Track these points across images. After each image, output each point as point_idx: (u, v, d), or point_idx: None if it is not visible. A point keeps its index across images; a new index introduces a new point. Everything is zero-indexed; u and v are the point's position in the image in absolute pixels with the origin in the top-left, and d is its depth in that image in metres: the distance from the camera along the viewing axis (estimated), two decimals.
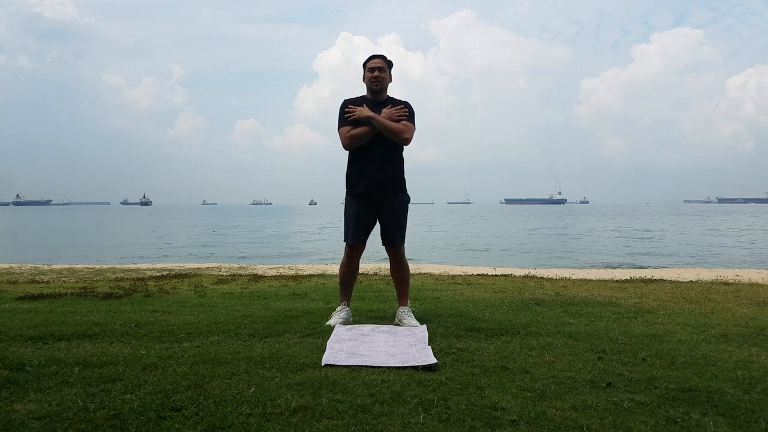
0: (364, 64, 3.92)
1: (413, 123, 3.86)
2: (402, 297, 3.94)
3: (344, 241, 3.92)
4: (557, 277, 7.14)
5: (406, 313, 3.82)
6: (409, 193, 3.97)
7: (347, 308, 3.87)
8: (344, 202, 3.98)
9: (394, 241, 3.88)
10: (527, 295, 5.09)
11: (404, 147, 3.90)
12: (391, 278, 6.79)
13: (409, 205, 3.98)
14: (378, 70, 3.84)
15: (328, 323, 3.67)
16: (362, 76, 3.92)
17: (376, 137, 3.78)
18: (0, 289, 5.75)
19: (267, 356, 2.82)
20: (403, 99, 3.93)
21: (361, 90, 3.97)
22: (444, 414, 2.08)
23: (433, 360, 2.75)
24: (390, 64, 3.93)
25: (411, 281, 6.41)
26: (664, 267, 12.68)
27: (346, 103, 3.88)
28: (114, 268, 10.78)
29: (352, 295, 5.18)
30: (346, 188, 3.95)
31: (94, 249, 20.73)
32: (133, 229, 40.22)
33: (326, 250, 19.70)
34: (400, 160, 3.91)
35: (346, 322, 3.70)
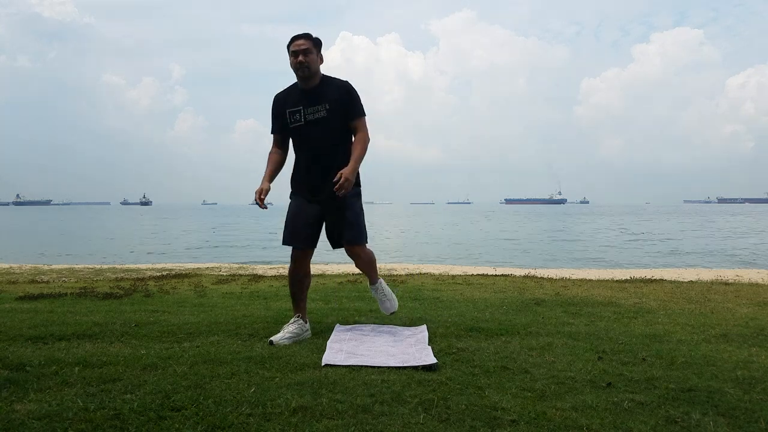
0: (288, 47, 3.34)
1: (360, 111, 3.37)
2: (370, 277, 3.61)
3: (282, 243, 3.44)
4: (557, 277, 7.14)
5: (379, 291, 3.57)
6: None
7: (299, 321, 3.33)
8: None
9: (354, 239, 3.38)
10: (527, 295, 5.09)
11: (352, 132, 3.42)
12: (391, 278, 6.80)
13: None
14: (302, 53, 3.25)
15: (270, 339, 3.15)
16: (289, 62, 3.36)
17: (312, 125, 3.31)
18: (0, 289, 5.75)
19: (267, 356, 2.82)
20: (347, 82, 3.40)
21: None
22: (444, 414, 2.08)
23: (433, 360, 2.75)
24: (317, 43, 3.33)
25: (411, 281, 6.42)
26: (664, 267, 12.68)
27: (277, 100, 3.44)
28: (114, 268, 10.78)
29: (352, 295, 5.19)
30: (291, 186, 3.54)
31: (94, 249, 20.72)
32: (135, 230, 40.21)
33: (326, 250, 19.70)
34: (338, 153, 3.37)
35: (296, 337, 3.22)
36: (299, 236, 3.36)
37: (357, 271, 10.03)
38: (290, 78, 3.41)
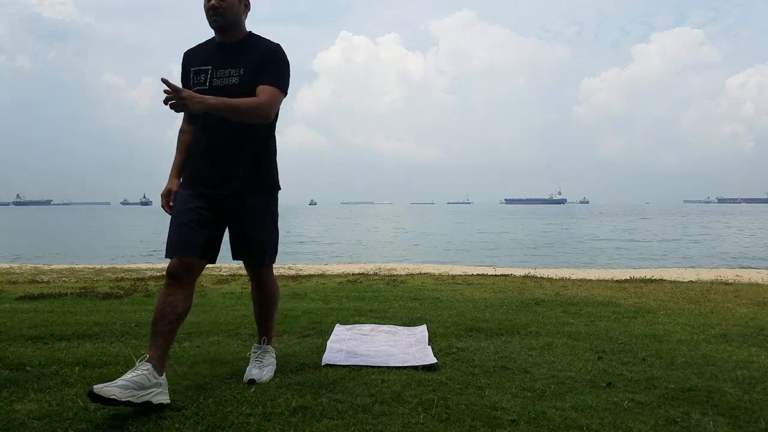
0: None
1: (276, 80, 2.43)
2: (262, 330, 2.72)
3: (165, 256, 2.44)
4: (557, 277, 7.14)
5: (260, 354, 2.61)
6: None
7: (148, 365, 2.11)
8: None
9: (259, 258, 2.59)
10: (527, 295, 5.09)
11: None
12: (391, 278, 6.75)
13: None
14: None
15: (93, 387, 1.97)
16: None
17: (219, 91, 2.42)
18: (0, 289, 5.75)
19: None
20: (278, 46, 2.52)
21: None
22: (444, 414, 2.08)
23: (433, 360, 2.75)
24: None
25: (411, 281, 6.38)
26: (664, 267, 12.68)
27: (185, 56, 2.59)
28: (114, 268, 10.78)
29: (352, 295, 5.18)
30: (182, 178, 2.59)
31: (94, 249, 20.72)
32: (136, 230, 40.20)
33: (326, 251, 19.69)
34: (263, 141, 2.52)
35: (139, 391, 2.02)
36: (182, 243, 2.38)
37: (357, 270, 9.95)
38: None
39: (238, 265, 12.81)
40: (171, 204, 2.55)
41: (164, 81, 2.10)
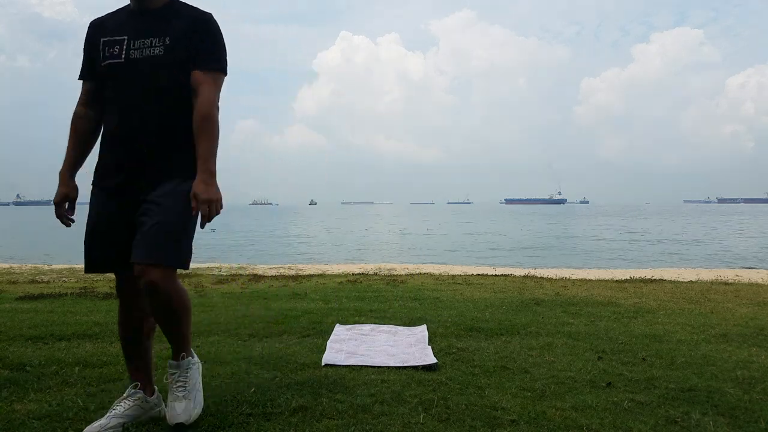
0: None
1: (215, 62, 2.03)
2: (175, 346, 2.06)
3: (85, 271, 2.07)
4: (557, 277, 7.14)
5: (182, 372, 2.02)
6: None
7: (138, 394, 2.02)
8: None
9: (150, 254, 1.88)
10: (527, 295, 5.09)
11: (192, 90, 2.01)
12: (391, 278, 6.74)
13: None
14: None
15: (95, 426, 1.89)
16: None
17: (138, 65, 1.99)
18: (0, 289, 5.75)
19: (267, 356, 2.82)
20: (210, 16, 2.07)
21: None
22: (444, 414, 2.08)
23: (433, 360, 2.75)
24: None
25: (411, 281, 6.36)
26: (664, 267, 12.68)
27: (92, 27, 2.13)
28: None
29: (352, 295, 5.18)
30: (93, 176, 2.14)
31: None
32: None
33: (326, 251, 19.69)
34: (177, 119, 2.01)
35: (136, 417, 1.98)
36: (97, 257, 2.02)
37: (357, 270, 9.90)
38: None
39: (238, 264, 12.73)
40: (70, 215, 2.10)
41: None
